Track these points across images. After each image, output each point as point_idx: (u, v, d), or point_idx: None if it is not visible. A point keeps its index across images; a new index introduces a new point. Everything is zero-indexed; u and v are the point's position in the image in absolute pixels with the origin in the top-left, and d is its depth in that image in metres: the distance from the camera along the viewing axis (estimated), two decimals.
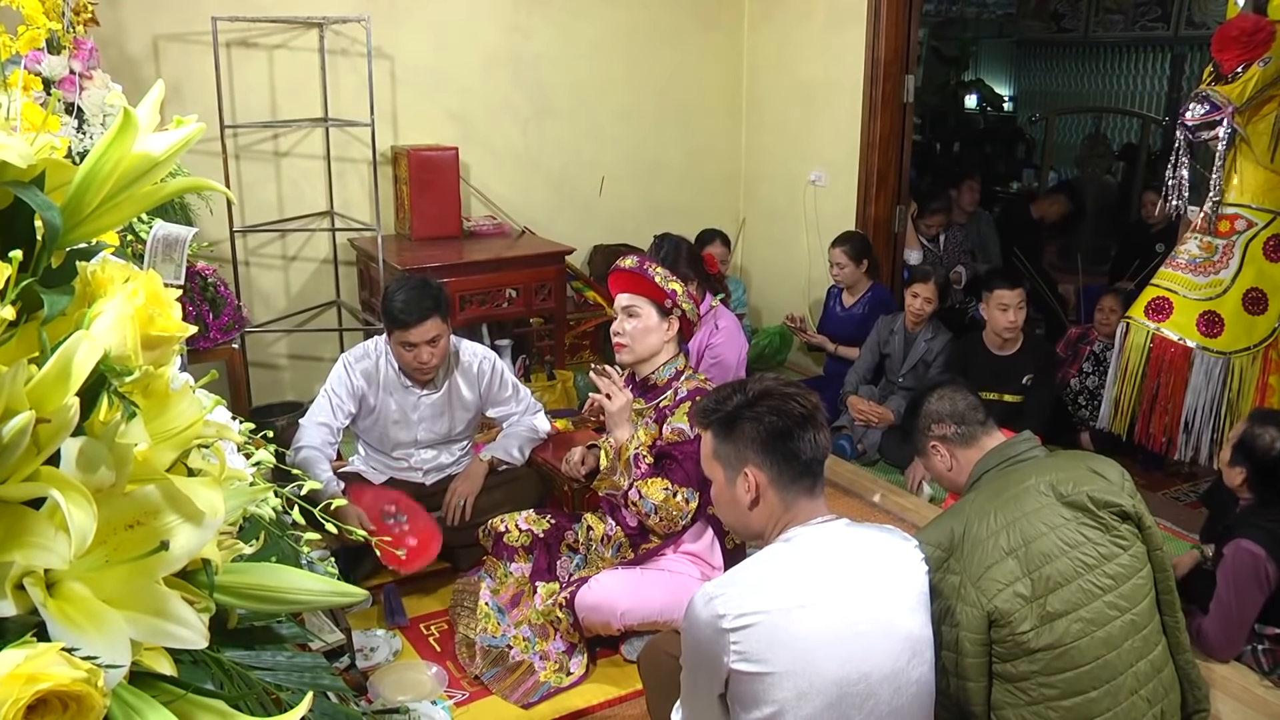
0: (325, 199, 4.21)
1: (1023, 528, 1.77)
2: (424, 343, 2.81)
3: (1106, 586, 1.76)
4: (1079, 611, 1.73)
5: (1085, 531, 1.79)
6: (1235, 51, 2.85)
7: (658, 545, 2.59)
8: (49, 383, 0.63)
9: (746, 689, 1.46)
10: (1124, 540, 1.81)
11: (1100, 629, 1.74)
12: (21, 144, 0.70)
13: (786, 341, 4.87)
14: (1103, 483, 1.84)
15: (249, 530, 0.90)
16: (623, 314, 2.61)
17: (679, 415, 2.54)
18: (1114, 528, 1.81)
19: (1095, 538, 1.79)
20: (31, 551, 0.62)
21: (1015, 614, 1.71)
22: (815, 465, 1.61)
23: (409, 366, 2.89)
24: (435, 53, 4.28)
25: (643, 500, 2.46)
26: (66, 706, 0.57)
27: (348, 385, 2.94)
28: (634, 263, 2.63)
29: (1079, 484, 1.82)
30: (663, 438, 2.53)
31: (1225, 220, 3.00)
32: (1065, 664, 1.72)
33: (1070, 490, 1.81)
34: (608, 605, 2.49)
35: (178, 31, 3.78)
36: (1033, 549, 1.75)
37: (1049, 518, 1.79)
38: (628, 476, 2.48)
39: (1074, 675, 1.72)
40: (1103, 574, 1.77)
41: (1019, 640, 1.72)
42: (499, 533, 2.74)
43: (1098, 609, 1.74)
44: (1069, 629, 1.72)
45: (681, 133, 5.01)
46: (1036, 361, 3.75)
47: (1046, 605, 1.72)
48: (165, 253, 2.59)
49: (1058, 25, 8.14)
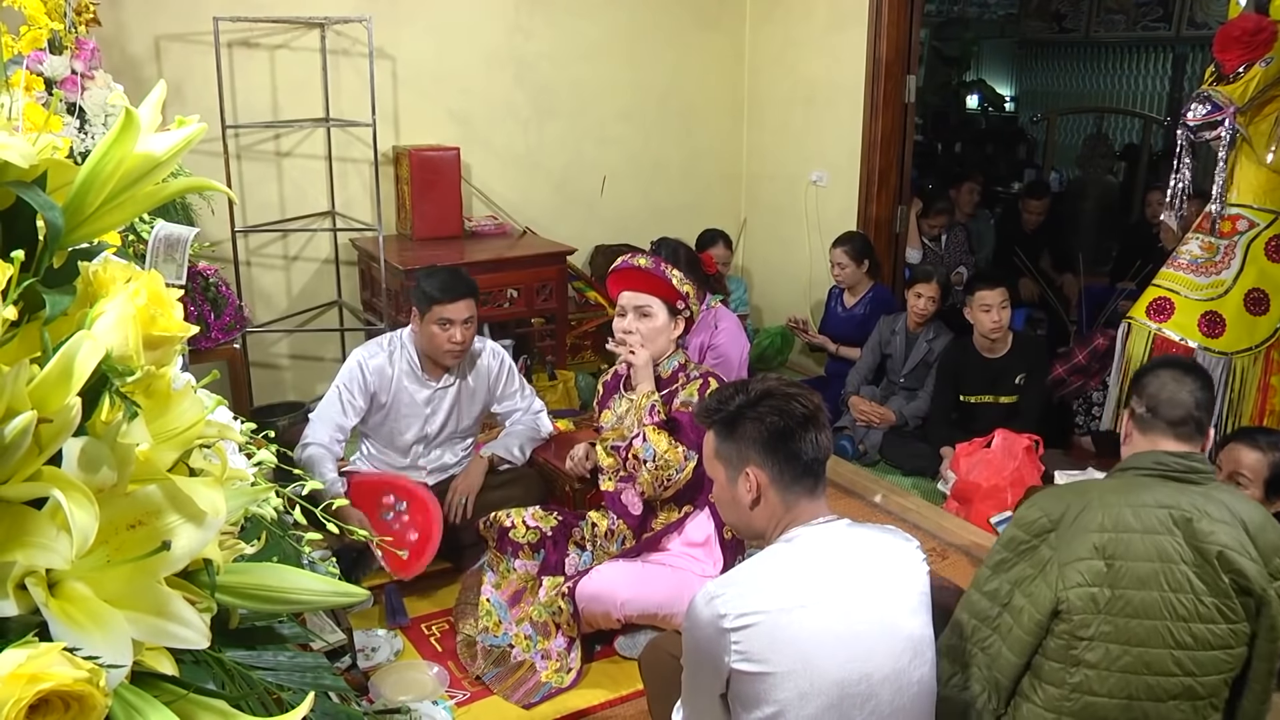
0: (327, 199, 4.21)
1: (1129, 544, 1.67)
2: (461, 321, 2.87)
3: (1183, 643, 1.65)
4: (1142, 649, 1.65)
5: (1194, 583, 1.65)
6: (1237, 52, 2.85)
7: (659, 531, 2.59)
8: (51, 383, 0.63)
9: (748, 689, 1.46)
10: (1232, 613, 1.66)
11: (1152, 676, 1.65)
12: (24, 144, 0.70)
13: (788, 342, 4.87)
14: (1248, 549, 1.67)
15: (250, 530, 0.90)
16: (633, 313, 2.60)
17: (689, 390, 2.57)
18: (1228, 595, 1.65)
19: (1201, 593, 1.65)
20: (33, 551, 0.62)
21: (1081, 615, 1.65)
22: (817, 466, 1.61)
23: (440, 348, 2.90)
24: (437, 53, 4.28)
25: (644, 445, 2.47)
26: (68, 706, 0.57)
27: (360, 382, 2.94)
28: (649, 262, 2.62)
29: (1220, 538, 1.66)
30: (672, 410, 2.56)
31: (1227, 221, 3.00)
32: (1102, 690, 1.66)
33: (1205, 539, 1.66)
34: (608, 594, 2.49)
35: (179, 32, 3.78)
36: (1129, 568, 1.65)
37: (1164, 550, 1.66)
38: (638, 425, 2.50)
39: (1103, 704, 1.67)
40: (1186, 630, 1.65)
41: (1074, 642, 1.66)
42: (504, 527, 2.73)
43: (1161, 657, 1.65)
44: (1122, 658, 1.65)
45: (683, 133, 5.01)
46: (1028, 361, 3.75)
47: (1116, 624, 1.65)
48: (167, 253, 2.59)
49: (1059, 25, 8.14)
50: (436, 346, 2.90)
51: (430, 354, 2.95)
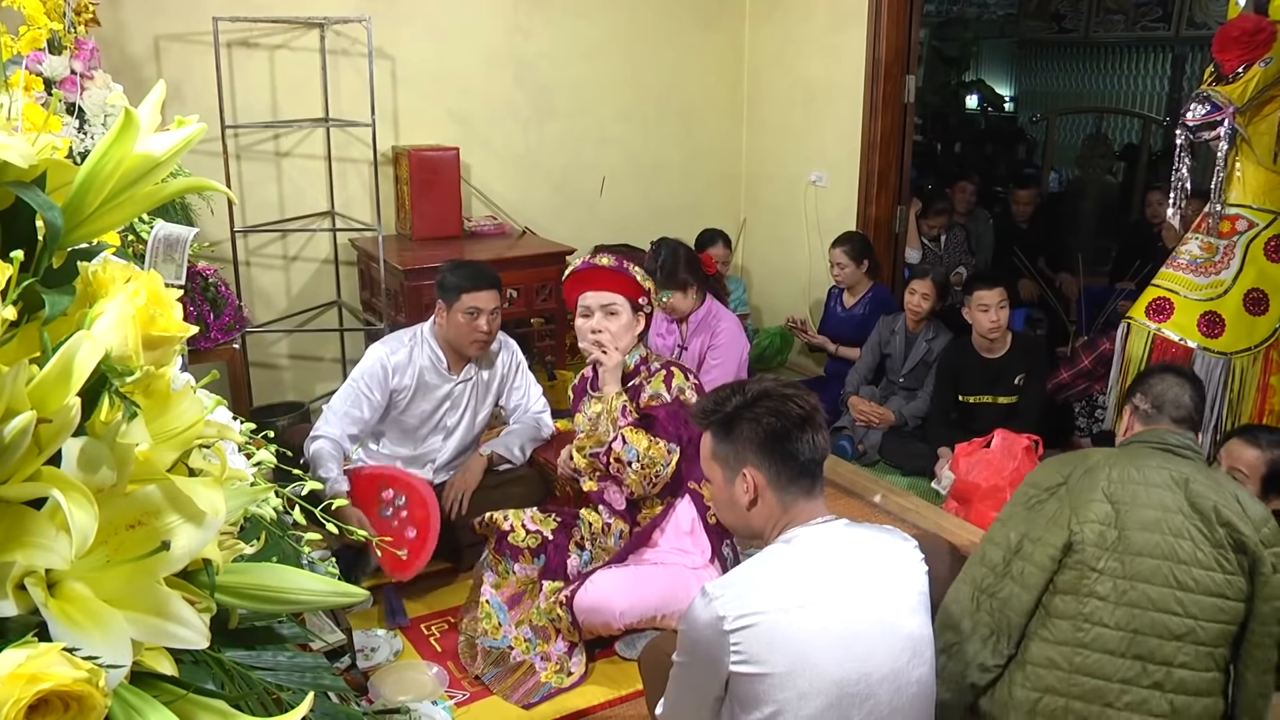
0: (326, 199, 4.21)
1: (1135, 493, 1.83)
2: (488, 311, 2.93)
3: (1184, 585, 1.76)
4: (1146, 586, 1.77)
5: (1193, 532, 1.79)
6: (1236, 52, 2.85)
7: (647, 526, 2.60)
8: (50, 383, 0.63)
9: (747, 690, 1.46)
10: (1228, 563, 1.78)
11: (1156, 613, 1.76)
12: (23, 144, 0.70)
13: (787, 342, 4.87)
14: (1237, 508, 1.81)
15: (250, 530, 0.90)
16: (600, 312, 2.61)
17: (655, 383, 2.59)
18: (1223, 546, 1.78)
19: (1200, 541, 1.78)
20: (33, 551, 0.62)
21: (1093, 549, 1.79)
22: (814, 466, 1.62)
23: (467, 338, 2.95)
24: (436, 53, 4.28)
25: (626, 448, 2.48)
26: (68, 706, 0.57)
27: (380, 378, 2.96)
28: (613, 261, 2.63)
29: (1213, 496, 1.82)
30: (641, 405, 2.57)
31: (1226, 221, 3.00)
32: (1110, 621, 1.77)
33: (1201, 496, 1.81)
34: (605, 606, 2.49)
35: (179, 32, 3.78)
36: (1133, 513, 1.81)
37: (1165, 502, 1.82)
38: (613, 429, 2.50)
39: (1111, 635, 1.77)
40: (1187, 573, 1.77)
41: (1086, 573, 1.79)
42: (502, 530, 2.72)
43: (1164, 596, 1.76)
44: (1129, 593, 1.76)
45: (682, 133, 5.01)
46: (1027, 361, 3.75)
47: (1123, 560, 1.78)
48: (166, 253, 2.59)
49: (1059, 25, 8.14)
50: (463, 336, 2.95)
51: (457, 344, 2.99)
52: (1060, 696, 1.78)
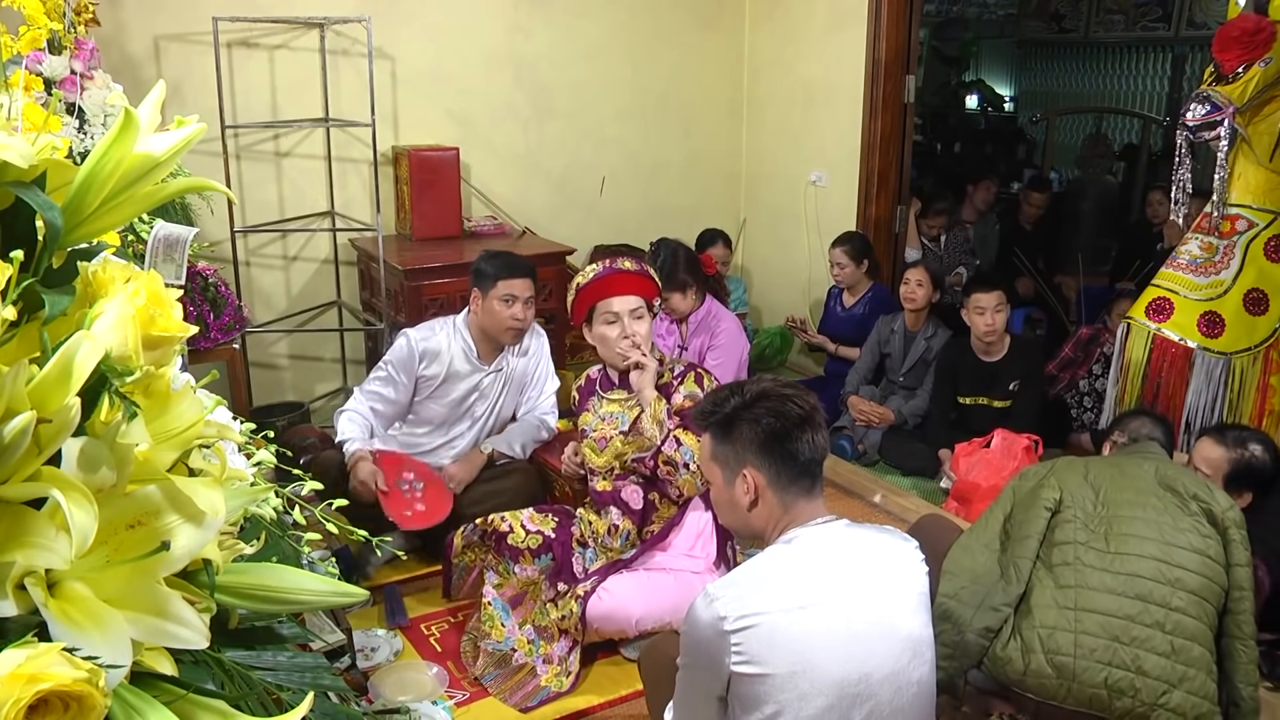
0: (326, 199, 4.21)
1: (1112, 477, 2.08)
2: (523, 298, 2.98)
3: (1168, 538, 1.93)
4: (1130, 536, 1.94)
5: (1169, 506, 2.00)
6: (1236, 52, 2.85)
7: (662, 529, 2.60)
8: (50, 383, 0.63)
9: (748, 690, 1.46)
10: (1202, 528, 1.96)
11: (1147, 560, 1.91)
12: (23, 144, 0.70)
13: (787, 342, 4.87)
14: (1205, 486, 2.05)
15: (250, 530, 0.90)
16: (629, 316, 2.58)
17: (689, 384, 2.61)
18: (1197, 516, 1.98)
19: (1177, 515, 1.98)
20: (33, 551, 0.62)
21: (1078, 508, 2.02)
22: (814, 466, 1.62)
23: (503, 325, 2.99)
24: (436, 53, 4.28)
25: (681, 449, 2.49)
26: (68, 706, 0.57)
27: (408, 361, 3.02)
28: (635, 265, 2.62)
29: (1181, 476, 2.07)
30: (676, 406, 2.58)
31: (1226, 221, 3.00)
32: (1105, 566, 1.91)
33: (1171, 478, 2.06)
34: (622, 614, 2.49)
35: (179, 32, 3.78)
36: (1114, 494, 2.04)
37: (1141, 486, 2.05)
38: (661, 432, 2.51)
39: (1108, 577, 1.90)
40: (1171, 525, 1.95)
41: (1076, 527, 1.98)
42: (501, 532, 2.71)
43: (1150, 545, 1.93)
44: (1122, 546, 1.93)
45: (682, 133, 5.01)
46: (1023, 366, 3.74)
47: (1105, 517, 1.99)
48: (166, 253, 2.59)
49: (1058, 26, 8.14)
50: (499, 323, 2.99)
51: (492, 331, 3.03)
52: (1068, 632, 1.87)
